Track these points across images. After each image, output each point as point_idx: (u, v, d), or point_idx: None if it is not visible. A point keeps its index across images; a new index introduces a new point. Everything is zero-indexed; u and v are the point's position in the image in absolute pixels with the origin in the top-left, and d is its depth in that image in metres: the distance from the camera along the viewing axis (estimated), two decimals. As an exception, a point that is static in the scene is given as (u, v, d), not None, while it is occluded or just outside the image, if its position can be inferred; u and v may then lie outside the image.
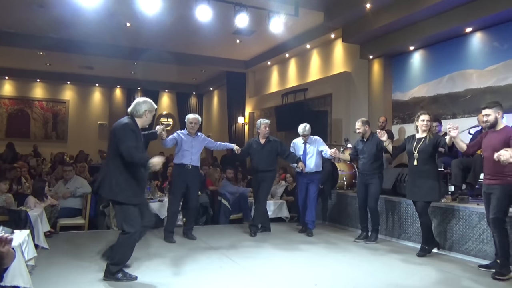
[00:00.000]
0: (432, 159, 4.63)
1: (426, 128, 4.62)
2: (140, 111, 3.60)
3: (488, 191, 3.92)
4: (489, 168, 3.88)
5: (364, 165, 5.45)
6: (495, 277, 3.77)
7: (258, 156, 5.84)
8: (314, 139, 6.04)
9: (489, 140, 3.92)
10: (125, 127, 3.48)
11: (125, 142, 3.40)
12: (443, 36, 7.01)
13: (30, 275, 3.23)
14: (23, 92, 15.48)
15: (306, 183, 5.94)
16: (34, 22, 9.23)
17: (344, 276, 3.90)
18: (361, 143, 5.54)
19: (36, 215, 4.51)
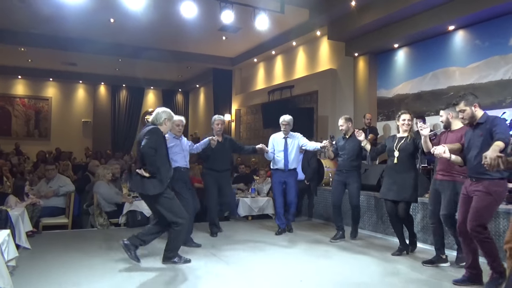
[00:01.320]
0: (412, 159, 4.61)
1: (407, 128, 4.58)
2: (160, 119, 3.98)
3: (439, 187, 4.01)
4: (442, 164, 3.98)
5: (343, 162, 5.38)
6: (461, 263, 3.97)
7: (215, 155, 5.53)
8: (294, 134, 5.86)
9: (445, 138, 4.02)
10: (154, 131, 3.88)
11: (149, 143, 3.75)
12: (426, 34, 7.11)
13: (11, 275, 3.18)
14: (4, 89, 15.11)
15: (283, 179, 5.73)
16: (15, 17, 9.01)
17: (329, 272, 3.93)
18: (343, 140, 5.48)
19: (17, 215, 4.41)
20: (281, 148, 5.72)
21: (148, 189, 3.86)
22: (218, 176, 5.58)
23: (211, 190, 5.64)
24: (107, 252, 4.51)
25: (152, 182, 3.85)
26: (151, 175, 3.80)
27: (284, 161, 5.67)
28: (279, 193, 5.75)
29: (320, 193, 6.93)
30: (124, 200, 6.02)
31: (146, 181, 3.85)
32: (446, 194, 3.91)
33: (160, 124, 3.97)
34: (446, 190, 3.92)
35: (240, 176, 8.36)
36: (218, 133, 5.57)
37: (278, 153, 5.72)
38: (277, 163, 5.73)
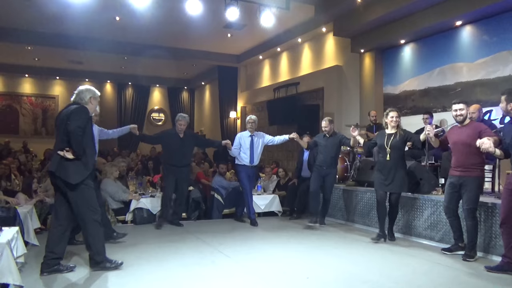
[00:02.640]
0: (402, 154, 4.93)
1: (395, 125, 4.86)
2: (85, 98, 3.63)
3: (458, 183, 4.18)
4: (460, 161, 4.16)
5: (324, 158, 5.86)
6: (466, 259, 4.13)
7: (174, 150, 5.68)
8: (259, 133, 6.34)
9: (457, 135, 4.21)
10: (82, 109, 3.55)
11: (77, 122, 3.40)
12: (433, 29, 7.04)
13: (20, 272, 3.21)
14: (11, 87, 15.24)
15: (248, 175, 6.16)
16: (22, 16, 9.07)
17: (335, 269, 3.92)
18: (324, 138, 5.96)
19: (26, 212, 4.45)
20: (248, 146, 6.12)
21: (69, 175, 3.42)
22: (177, 171, 5.67)
23: (168, 186, 5.77)
24: (112, 248, 4.54)
25: (75, 166, 3.43)
26: (76, 157, 3.39)
27: (250, 158, 6.08)
28: (248, 185, 6.14)
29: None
30: (131, 197, 6.06)
31: (68, 165, 3.43)
32: (470, 189, 4.08)
33: (85, 103, 3.62)
34: (470, 185, 4.08)
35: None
36: (181, 130, 5.74)
37: (245, 150, 6.10)
38: (243, 159, 6.11)
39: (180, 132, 5.74)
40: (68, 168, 3.42)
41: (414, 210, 5.23)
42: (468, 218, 4.13)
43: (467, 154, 4.06)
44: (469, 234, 4.17)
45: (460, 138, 4.16)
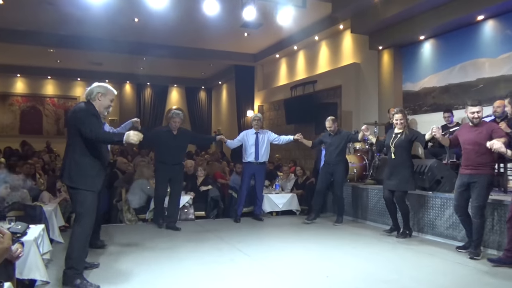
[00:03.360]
0: (407, 153, 5.04)
1: (401, 126, 5.03)
2: (92, 94, 3.37)
3: (469, 181, 4.20)
4: (471, 160, 4.20)
5: (330, 156, 6.07)
6: (472, 257, 4.15)
7: (167, 148, 5.54)
8: (265, 130, 6.44)
9: (468, 134, 4.25)
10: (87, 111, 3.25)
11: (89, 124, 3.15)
12: (454, 25, 6.90)
13: (46, 268, 3.31)
14: (34, 89, 15.68)
15: (253, 172, 6.22)
16: (43, 19, 9.31)
17: (355, 269, 3.90)
18: (329, 137, 6.14)
19: (51, 210, 4.59)
20: (253, 143, 6.20)
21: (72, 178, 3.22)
22: (170, 169, 5.53)
23: (160, 185, 5.65)
24: (135, 246, 4.63)
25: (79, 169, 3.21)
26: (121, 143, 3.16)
27: (255, 154, 6.17)
28: (247, 184, 6.23)
29: (345, 189, 6.86)
30: None
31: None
32: (479, 187, 4.11)
33: (92, 99, 3.37)
34: (479, 183, 4.11)
35: (263, 172, 8.37)
36: (174, 128, 5.63)
37: (250, 147, 6.19)
38: (248, 156, 6.21)
39: (173, 129, 5.61)
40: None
41: (434, 209, 5.15)
42: (475, 215, 4.14)
43: (477, 153, 4.10)
44: (475, 232, 4.18)
45: (471, 137, 4.20)
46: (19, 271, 2.90)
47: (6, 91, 15.33)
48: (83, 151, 3.21)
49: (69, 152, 3.26)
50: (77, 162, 3.20)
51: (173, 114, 5.68)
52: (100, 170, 3.33)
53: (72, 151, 3.23)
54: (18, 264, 2.84)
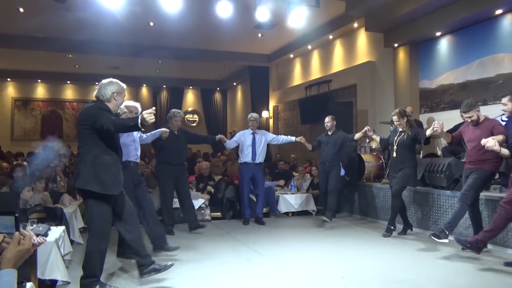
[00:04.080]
0: (410, 150, 5.16)
1: (400, 126, 5.16)
2: (107, 94, 3.14)
3: (467, 174, 4.36)
4: (473, 156, 4.32)
5: (327, 155, 6.12)
6: (431, 236, 4.24)
7: (170, 148, 5.37)
8: (261, 131, 6.39)
9: (471, 132, 4.37)
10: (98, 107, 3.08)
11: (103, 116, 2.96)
12: (471, 19, 6.75)
13: (67, 269, 3.40)
14: (55, 94, 16.06)
15: (252, 173, 6.15)
16: (62, 26, 9.53)
17: (371, 269, 3.87)
18: (326, 136, 6.22)
19: (71, 212, 4.70)
20: (249, 143, 6.14)
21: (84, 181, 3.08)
22: (174, 170, 5.37)
23: (166, 186, 5.44)
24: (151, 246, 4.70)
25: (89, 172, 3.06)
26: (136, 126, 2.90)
27: (252, 154, 6.11)
28: (247, 186, 6.18)
29: (361, 188, 6.82)
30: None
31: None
32: (474, 177, 4.25)
33: (107, 100, 3.14)
34: (476, 173, 4.25)
35: (279, 172, 8.38)
36: (176, 127, 5.47)
37: (247, 147, 6.13)
38: (245, 157, 6.14)
39: (175, 129, 5.48)
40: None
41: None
42: (459, 201, 4.27)
43: (480, 150, 4.14)
44: (453, 216, 4.29)
45: (474, 134, 4.30)
46: (41, 272, 2.99)
47: (28, 96, 15.77)
48: (95, 153, 3.06)
49: (80, 155, 3.12)
50: (89, 165, 3.05)
51: (175, 113, 5.53)
52: (114, 172, 3.14)
53: (84, 153, 3.10)
54: (39, 264, 2.93)
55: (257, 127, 6.33)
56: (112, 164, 3.12)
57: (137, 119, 2.83)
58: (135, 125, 2.85)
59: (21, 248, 1.49)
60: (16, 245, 1.48)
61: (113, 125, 2.92)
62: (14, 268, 1.44)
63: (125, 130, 3.10)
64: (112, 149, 3.15)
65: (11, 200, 1.59)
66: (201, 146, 13.05)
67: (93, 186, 3.05)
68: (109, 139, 3.13)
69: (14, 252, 1.47)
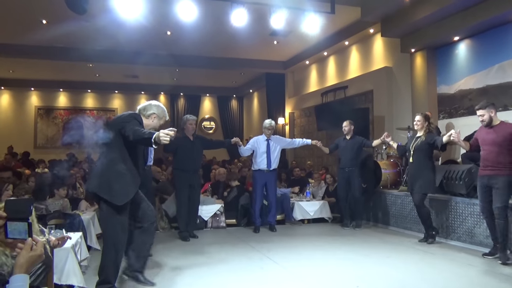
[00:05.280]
0: (427, 156, 5.12)
1: (419, 127, 5.18)
2: (148, 111, 3.31)
3: (489, 182, 4.23)
4: (489, 160, 4.23)
5: (345, 160, 6.16)
6: (504, 262, 4.08)
7: (186, 154, 5.34)
8: (276, 137, 6.30)
9: (485, 135, 4.31)
10: (134, 117, 3.15)
11: (133, 125, 3.01)
12: (490, 23, 6.60)
13: (84, 274, 3.47)
14: (76, 102, 16.47)
15: (265, 180, 6.04)
16: (82, 36, 9.80)
17: (387, 278, 3.80)
18: (344, 141, 6.27)
19: (89, 218, 4.80)
20: (264, 150, 6.04)
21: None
22: (189, 177, 5.38)
23: (182, 193, 5.43)
24: (168, 251, 4.74)
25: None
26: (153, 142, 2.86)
27: (267, 161, 6.02)
28: (260, 193, 6.06)
29: (378, 195, 6.72)
30: None
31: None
32: (500, 188, 4.13)
33: (145, 116, 3.30)
34: (499, 184, 4.13)
35: (295, 179, 8.35)
36: (191, 132, 5.47)
37: (261, 154, 6.03)
38: (259, 164, 6.05)
39: (190, 135, 5.49)
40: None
41: (473, 216, 4.93)
42: (499, 217, 4.14)
43: (496, 153, 4.14)
44: (500, 234, 4.17)
45: (489, 137, 4.26)
46: (58, 277, 3.06)
47: (50, 105, 16.22)
48: (113, 158, 3.08)
49: (100, 158, 3.16)
50: (104, 169, 3.08)
51: (189, 118, 5.53)
52: (126, 182, 3.11)
53: (102, 156, 3.13)
54: (56, 270, 3.00)
55: (272, 134, 6.26)
56: (125, 174, 3.12)
57: (153, 134, 2.82)
58: (149, 140, 2.83)
59: (33, 253, 1.53)
60: (28, 251, 1.53)
61: (133, 133, 2.95)
62: (26, 274, 1.49)
63: (141, 142, 3.10)
64: (132, 158, 3.16)
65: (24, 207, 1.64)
66: (217, 153, 13.15)
67: (103, 192, 3.07)
68: (132, 147, 3.15)
69: (26, 257, 1.51)
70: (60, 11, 7.28)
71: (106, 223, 3.16)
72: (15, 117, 15.63)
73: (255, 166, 6.14)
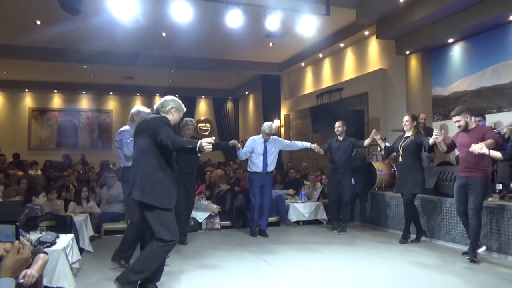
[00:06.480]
0: (415, 156, 5.19)
1: (407, 128, 5.26)
2: (166, 107, 3.25)
3: (466, 184, 4.35)
4: (466, 162, 4.37)
5: (339, 161, 6.08)
6: (472, 259, 4.25)
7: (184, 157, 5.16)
8: (274, 138, 6.03)
9: (463, 139, 4.43)
10: (161, 119, 3.12)
11: (164, 130, 3.00)
12: (484, 26, 6.64)
13: (75, 277, 3.42)
14: (70, 104, 16.36)
15: (262, 183, 5.83)
16: (77, 37, 9.75)
17: (382, 279, 3.79)
18: (336, 142, 6.19)
19: (81, 220, 4.74)
20: (261, 152, 5.86)
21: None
22: (186, 179, 5.26)
23: (178, 196, 5.31)
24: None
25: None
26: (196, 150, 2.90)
27: (263, 163, 5.82)
28: (257, 196, 5.84)
29: (373, 197, 6.72)
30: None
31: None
32: (476, 190, 4.26)
33: (165, 112, 3.25)
34: (475, 186, 4.27)
35: (290, 181, 8.34)
36: (188, 136, 5.35)
37: (257, 156, 5.85)
38: (255, 166, 5.86)
39: (187, 138, 5.26)
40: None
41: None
42: (473, 217, 4.27)
43: (472, 157, 4.19)
44: (472, 233, 4.30)
45: (465, 141, 4.37)
46: (48, 280, 3.02)
47: (44, 106, 16.11)
48: (153, 165, 3.07)
49: (138, 165, 3.12)
50: (147, 177, 3.05)
51: (187, 121, 5.48)
52: (168, 186, 3.13)
53: (141, 163, 3.09)
54: (47, 272, 2.96)
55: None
56: (165, 179, 3.12)
57: (196, 144, 2.85)
58: (193, 149, 2.86)
59: (20, 257, 1.49)
60: (15, 254, 1.49)
61: (172, 143, 2.94)
62: (12, 277, 1.45)
63: (182, 151, 3.09)
64: (168, 164, 3.16)
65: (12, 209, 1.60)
66: (212, 155, 13.11)
67: (150, 199, 3.04)
68: (167, 154, 3.14)
69: (13, 261, 1.48)
70: (54, 12, 7.23)
71: (158, 229, 3.06)
72: (8, 119, 15.52)
73: (252, 167, 5.89)
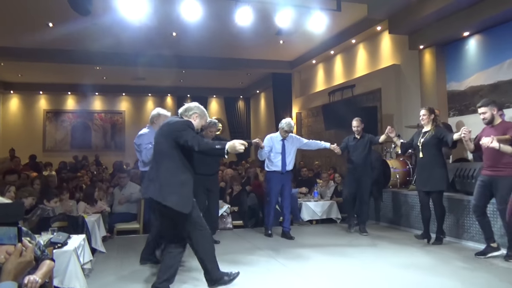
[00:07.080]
0: (437, 151, 4.93)
1: (425, 122, 5.03)
2: (190, 112, 3.28)
3: (489, 182, 4.18)
4: (491, 160, 4.17)
5: (357, 160, 5.90)
6: (508, 259, 4.09)
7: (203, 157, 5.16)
8: (292, 137, 5.81)
9: (487, 135, 4.17)
10: (184, 122, 3.13)
11: (188, 133, 3.00)
12: (501, 18, 6.44)
13: (87, 278, 3.42)
14: (84, 105, 16.55)
15: (281, 183, 5.64)
16: (89, 39, 9.82)
17: (397, 279, 3.69)
18: (354, 140, 6.02)
19: (93, 221, 4.75)
20: (279, 150, 5.65)
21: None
22: (207, 180, 5.12)
23: (199, 197, 5.02)
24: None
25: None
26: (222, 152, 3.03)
27: (282, 163, 5.62)
28: (275, 197, 5.70)
29: (387, 195, 6.59)
30: None
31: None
32: (502, 189, 4.05)
33: (187, 117, 3.26)
34: (501, 185, 4.07)
35: (302, 179, 8.25)
36: (210, 137, 5.21)
37: (276, 155, 5.65)
38: (274, 165, 5.66)
39: (209, 139, 5.18)
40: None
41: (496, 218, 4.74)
42: (503, 218, 4.08)
43: (497, 154, 4.01)
44: (508, 233, 4.14)
45: (490, 136, 4.11)
46: (60, 280, 3.01)
47: (58, 108, 16.34)
48: (176, 168, 3.09)
49: (160, 167, 3.11)
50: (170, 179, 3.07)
51: (211, 123, 5.39)
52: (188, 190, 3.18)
53: (165, 166, 3.09)
54: (58, 273, 2.95)
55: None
56: (186, 183, 3.15)
57: (225, 145, 2.87)
58: (222, 150, 2.89)
59: (22, 259, 1.46)
60: (17, 257, 1.46)
61: (198, 145, 2.95)
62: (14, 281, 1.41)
63: (209, 153, 3.10)
64: (189, 167, 3.19)
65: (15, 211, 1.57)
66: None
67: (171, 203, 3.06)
68: (188, 156, 3.16)
69: (15, 263, 1.44)
70: (65, 13, 7.27)
71: (189, 232, 3.16)
72: (24, 121, 15.78)
73: (270, 166, 5.69)
